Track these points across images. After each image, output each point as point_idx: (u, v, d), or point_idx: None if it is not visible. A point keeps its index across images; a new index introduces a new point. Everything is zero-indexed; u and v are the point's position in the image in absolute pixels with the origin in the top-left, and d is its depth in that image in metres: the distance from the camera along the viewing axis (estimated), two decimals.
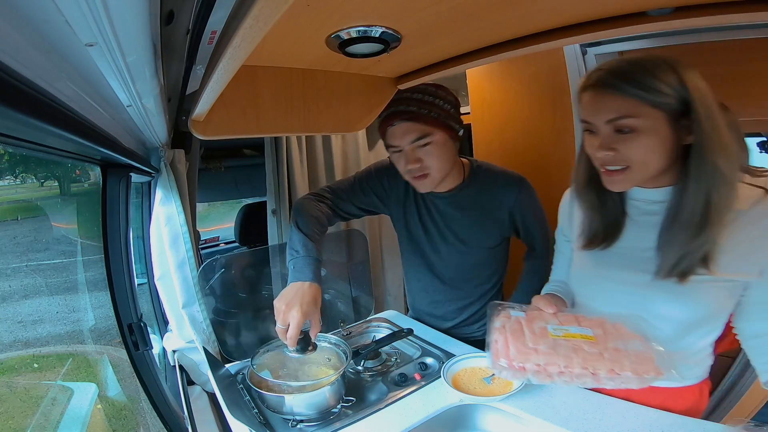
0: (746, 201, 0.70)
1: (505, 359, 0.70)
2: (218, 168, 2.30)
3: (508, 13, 0.67)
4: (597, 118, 0.71)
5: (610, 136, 0.71)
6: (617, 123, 0.69)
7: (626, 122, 0.68)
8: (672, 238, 0.71)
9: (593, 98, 0.72)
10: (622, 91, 0.68)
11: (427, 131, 0.99)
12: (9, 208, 1.19)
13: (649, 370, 0.66)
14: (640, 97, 0.67)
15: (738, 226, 0.68)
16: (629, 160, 0.70)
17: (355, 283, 1.40)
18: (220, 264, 1.28)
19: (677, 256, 0.70)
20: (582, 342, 0.71)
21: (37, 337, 0.95)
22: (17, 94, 0.30)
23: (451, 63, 0.94)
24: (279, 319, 0.89)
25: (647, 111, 0.67)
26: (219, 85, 0.63)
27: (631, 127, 0.68)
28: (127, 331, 0.87)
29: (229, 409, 0.82)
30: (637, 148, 0.69)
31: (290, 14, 0.54)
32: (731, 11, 0.61)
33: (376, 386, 0.99)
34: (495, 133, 1.99)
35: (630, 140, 0.69)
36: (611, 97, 0.69)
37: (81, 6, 0.29)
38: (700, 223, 0.67)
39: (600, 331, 0.73)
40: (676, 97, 0.67)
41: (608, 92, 0.69)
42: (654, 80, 0.66)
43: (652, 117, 0.67)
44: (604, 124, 0.71)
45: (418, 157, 1.00)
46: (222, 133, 0.95)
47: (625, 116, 0.68)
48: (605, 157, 0.72)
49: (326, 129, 1.25)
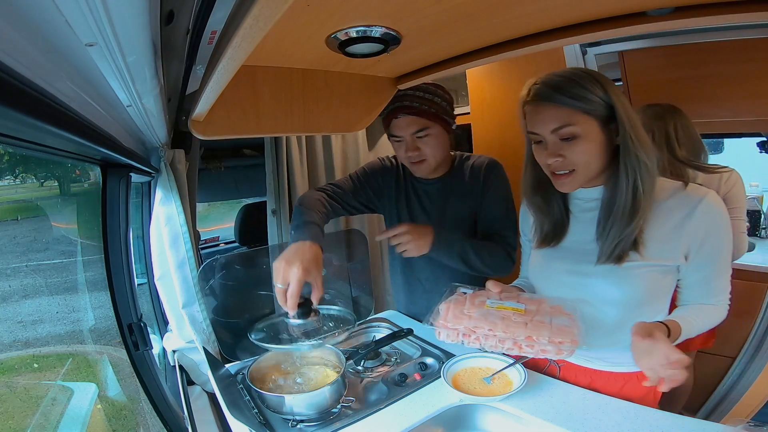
0: (666, 193, 0.80)
1: (442, 321, 0.82)
2: (218, 168, 2.30)
3: (508, 13, 0.67)
4: (542, 128, 0.80)
5: (556, 144, 0.79)
6: (560, 132, 0.78)
7: (567, 130, 0.77)
8: (608, 227, 0.81)
9: (535, 110, 0.80)
10: (560, 102, 0.77)
11: (427, 124, 1.12)
12: (9, 208, 1.19)
13: (565, 341, 0.75)
14: (574, 107, 0.76)
15: (659, 215, 0.79)
16: (575, 164, 0.79)
17: (355, 283, 1.40)
18: (220, 264, 1.28)
19: (614, 242, 0.80)
20: (511, 313, 0.81)
21: (37, 337, 0.95)
22: (17, 94, 0.30)
23: (451, 63, 0.94)
24: (278, 279, 0.86)
25: (582, 118, 0.76)
26: (219, 85, 0.63)
27: (572, 134, 0.77)
28: (127, 331, 0.87)
29: (229, 409, 0.82)
30: (579, 152, 0.78)
31: (290, 14, 0.54)
32: (731, 11, 0.61)
33: (376, 386, 0.99)
34: (495, 133, 1.99)
35: (573, 146, 0.78)
36: (551, 109, 0.78)
37: (81, 6, 0.29)
38: (630, 211, 0.78)
39: (533, 307, 0.83)
40: (603, 104, 0.76)
41: (547, 104, 0.78)
42: (584, 91, 0.76)
43: (587, 123, 0.77)
44: (549, 134, 0.79)
45: (417, 146, 1.14)
46: (222, 133, 0.95)
47: (565, 125, 0.77)
48: (555, 163, 0.80)
49: (326, 129, 1.25)
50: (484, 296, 0.87)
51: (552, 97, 0.77)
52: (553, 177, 0.83)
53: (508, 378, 0.93)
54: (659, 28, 0.68)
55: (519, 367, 0.92)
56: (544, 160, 0.82)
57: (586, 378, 0.92)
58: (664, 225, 0.79)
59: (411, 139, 1.13)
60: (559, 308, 0.83)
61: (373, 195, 1.28)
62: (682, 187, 0.80)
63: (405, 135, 1.13)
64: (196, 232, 1.39)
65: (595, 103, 0.76)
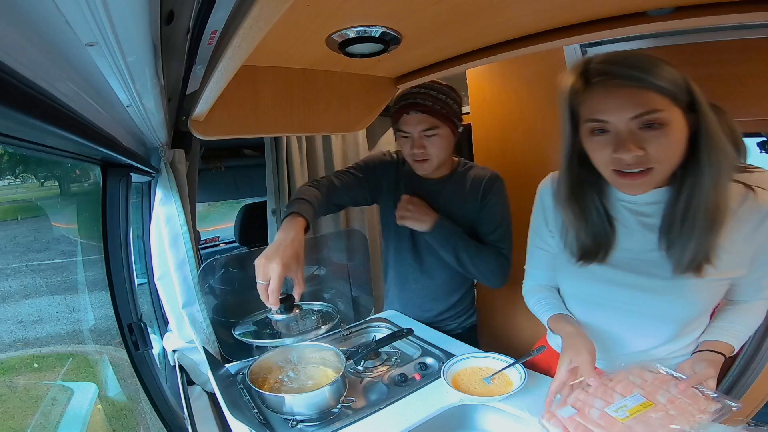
0: (734, 199, 0.69)
1: None
2: (218, 168, 2.30)
3: (508, 13, 0.67)
4: (616, 114, 0.64)
5: (634, 135, 0.64)
6: (645, 118, 0.62)
7: (654, 116, 0.62)
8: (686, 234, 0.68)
9: (607, 93, 0.65)
10: (644, 83, 0.61)
11: (436, 124, 1.12)
12: (9, 208, 1.19)
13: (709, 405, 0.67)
14: (661, 89, 0.61)
15: (731, 224, 0.67)
16: (656, 160, 0.64)
17: (355, 283, 1.40)
18: (220, 264, 1.28)
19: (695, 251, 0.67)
20: (645, 412, 0.69)
21: (37, 337, 0.95)
22: (17, 94, 0.30)
23: (451, 63, 0.94)
24: (259, 275, 0.86)
25: (668, 104, 0.62)
26: (219, 85, 0.63)
27: (661, 121, 0.62)
28: (127, 331, 0.87)
29: (229, 409, 0.82)
30: (666, 145, 0.63)
31: (290, 14, 0.55)
32: (731, 11, 0.61)
33: (376, 386, 0.99)
34: (495, 133, 1.99)
35: (659, 137, 0.63)
36: (632, 90, 0.62)
37: (81, 6, 0.29)
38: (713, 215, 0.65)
39: (642, 391, 0.72)
40: (685, 90, 0.63)
41: (627, 85, 0.63)
42: (666, 71, 0.62)
43: (673, 110, 0.63)
44: (627, 121, 0.63)
45: (424, 144, 1.14)
46: (222, 133, 0.95)
47: (651, 110, 0.62)
48: (632, 158, 0.64)
49: (326, 129, 1.25)
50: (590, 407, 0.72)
51: (634, 76, 0.62)
52: (619, 177, 0.68)
53: (508, 378, 0.93)
54: (659, 28, 0.68)
55: (519, 367, 0.92)
56: (610, 154, 0.66)
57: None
58: (734, 235, 0.68)
59: (419, 137, 1.14)
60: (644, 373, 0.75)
61: (371, 187, 1.28)
62: (750, 193, 0.69)
63: (413, 132, 1.13)
64: (196, 232, 1.39)
65: (680, 87, 0.62)
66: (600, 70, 0.66)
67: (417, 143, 1.14)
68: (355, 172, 1.26)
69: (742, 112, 1.50)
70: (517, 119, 1.87)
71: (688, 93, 0.63)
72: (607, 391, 0.73)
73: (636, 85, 0.62)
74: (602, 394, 0.73)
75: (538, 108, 1.77)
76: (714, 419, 0.66)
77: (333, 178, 1.21)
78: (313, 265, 1.44)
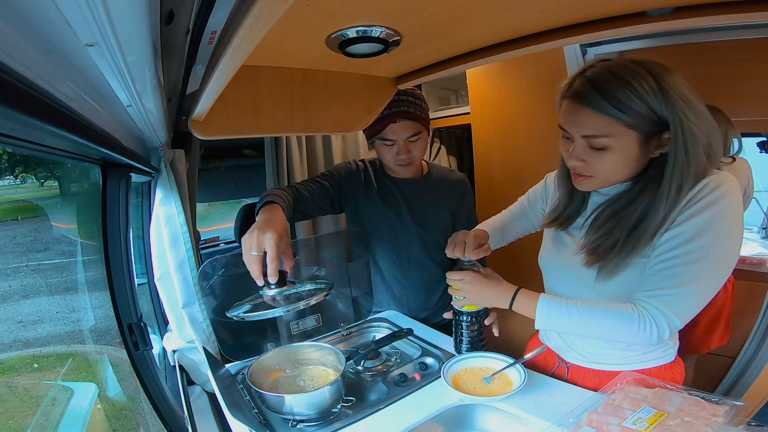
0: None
1: None
2: (218, 168, 2.30)
3: (508, 13, 0.67)
4: (573, 129, 0.76)
5: (583, 149, 0.76)
6: (591, 140, 0.73)
7: (600, 141, 0.72)
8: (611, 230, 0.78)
9: (572, 110, 0.74)
10: (600, 110, 0.70)
11: (420, 129, 1.21)
12: (9, 208, 1.19)
13: (716, 408, 0.69)
14: (616, 117, 0.69)
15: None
16: (596, 172, 0.76)
17: (355, 283, 1.40)
18: (220, 264, 1.28)
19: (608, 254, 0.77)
20: (663, 421, 0.69)
21: (37, 337, 0.95)
22: (17, 94, 0.30)
23: (451, 63, 0.94)
24: (253, 246, 0.82)
25: (621, 131, 0.70)
26: (219, 85, 0.63)
27: (604, 145, 0.72)
28: (127, 331, 0.87)
29: (229, 409, 0.82)
30: (604, 164, 0.74)
31: (290, 14, 0.55)
32: (731, 11, 0.61)
33: (376, 386, 0.99)
34: (495, 133, 1.99)
35: (600, 156, 0.74)
36: (589, 114, 0.71)
37: (81, 6, 0.29)
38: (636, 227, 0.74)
39: (648, 404, 0.73)
40: (652, 117, 0.68)
41: (587, 107, 0.71)
42: (633, 99, 0.67)
43: (625, 136, 0.71)
44: (579, 137, 0.75)
45: (409, 148, 1.22)
46: (222, 133, 0.95)
47: (599, 135, 0.72)
48: (575, 165, 0.78)
49: (326, 129, 1.26)
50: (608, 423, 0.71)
51: (593, 102, 0.70)
52: (572, 173, 0.82)
53: (508, 378, 0.93)
54: (659, 28, 0.68)
55: (519, 367, 0.92)
56: (566, 155, 0.80)
57: (594, 380, 0.91)
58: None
59: (404, 143, 1.21)
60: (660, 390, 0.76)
61: (338, 195, 1.31)
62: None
63: (400, 139, 1.20)
64: (196, 232, 1.39)
65: (642, 116, 0.68)
66: (576, 88, 0.73)
67: (404, 149, 1.21)
68: (321, 180, 1.28)
69: (742, 112, 1.50)
70: (517, 119, 1.87)
71: (656, 121, 0.68)
72: (616, 409, 0.74)
73: (592, 109, 0.70)
74: (613, 411, 0.73)
75: (538, 108, 1.78)
76: (728, 421, 0.66)
77: (298, 185, 1.22)
78: (313, 265, 1.44)
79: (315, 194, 1.23)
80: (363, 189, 1.33)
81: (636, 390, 0.78)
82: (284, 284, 0.84)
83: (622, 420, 0.70)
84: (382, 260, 1.36)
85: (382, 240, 1.35)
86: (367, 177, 1.33)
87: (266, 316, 0.83)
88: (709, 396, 0.73)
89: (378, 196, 1.32)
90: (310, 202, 1.21)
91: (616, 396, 0.77)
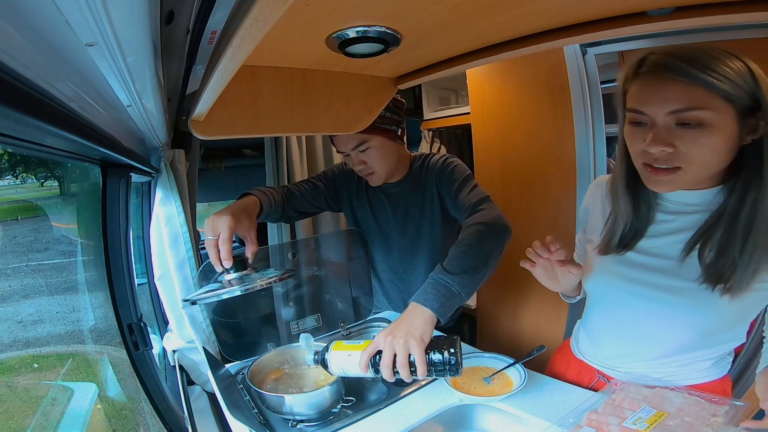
0: None
1: None
2: (218, 168, 2.30)
3: (508, 13, 0.67)
4: (655, 107, 0.61)
5: (669, 130, 0.61)
6: (682, 115, 0.59)
7: (695, 114, 0.58)
8: (749, 245, 0.62)
9: (652, 84, 0.61)
10: (691, 78, 0.58)
11: (364, 138, 1.11)
12: (9, 208, 1.19)
13: (716, 408, 0.69)
14: (712, 87, 0.57)
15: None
16: (686, 160, 0.61)
17: (355, 283, 1.40)
18: None
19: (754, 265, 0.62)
20: (663, 421, 0.69)
21: (37, 337, 0.95)
22: (17, 94, 0.30)
23: (451, 63, 0.94)
24: (208, 231, 0.81)
25: (718, 103, 0.58)
26: (219, 85, 0.63)
27: (700, 120, 0.58)
28: (127, 331, 0.87)
29: (229, 409, 0.82)
30: (701, 146, 0.60)
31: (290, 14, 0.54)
32: (731, 11, 0.61)
33: (376, 386, 0.99)
34: (495, 133, 1.99)
35: (694, 137, 0.59)
36: (677, 84, 0.59)
37: (81, 6, 0.29)
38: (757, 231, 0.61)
39: (648, 404, 0.73)
40: (748, 91, 0.59)
41: (673, 78, 0.59)
42: (727, 69, 0.58)
43: (723, 111, 0.58)
44: (664, 116, 0.60)
45: (362, 159, 1.15)
46: (222, 133, 0.95)
47: (694, 107, 0.58)
48: (660, 153, 0.61)
49: (326, 129, 1.25)
50: (596, 419, 0.72)
51: (682, 70, 0.58)
52: (646, 170, 0.65)
53: (508, 378, 0.93)
54: (659, 28, 0.68)
55: (519, 367, 0.92)
56: (640, 146, 0.64)
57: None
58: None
59: (354, 154, 1.15)
60: (660, 390, 0.75)
61: (332, 196, 1.30)
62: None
63: (346, 150, 1.15)
64: (196, 232, 1.39)
65: (739, 87, 0.58)
66: (653, 61, 0.62)
67: (355, 160, 1.15)
68: (315, 180, 1.28)
69: None
70: (517, 119, 1.87)
71: (751, 97, 0.59)
72: (616, 409, 0.74)
73: (682, 79, 0.59)
74: (613, 411, 0.73)
75: (538, 108, 1.77)
76: (728, 421, 0.66)
77: (289, 186, 1.23)
78: (313, 265, 1.44)
79: (307, 194, 1.23)
80: (355, 192, 1.31)
81: (636, 390, 0.78)
82: (244, 269, 0.82)
83: (622, 420, 0.70)
84: (377, 263, 1.36)
85: (375, 244, 1.34)
86: (359, 180, 1.30)
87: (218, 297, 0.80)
88: (709, 396, 0.73)
89: (366, 200, 1.30)
90: (303, 201, 1.22)
91: (616, 396, 0.77)
